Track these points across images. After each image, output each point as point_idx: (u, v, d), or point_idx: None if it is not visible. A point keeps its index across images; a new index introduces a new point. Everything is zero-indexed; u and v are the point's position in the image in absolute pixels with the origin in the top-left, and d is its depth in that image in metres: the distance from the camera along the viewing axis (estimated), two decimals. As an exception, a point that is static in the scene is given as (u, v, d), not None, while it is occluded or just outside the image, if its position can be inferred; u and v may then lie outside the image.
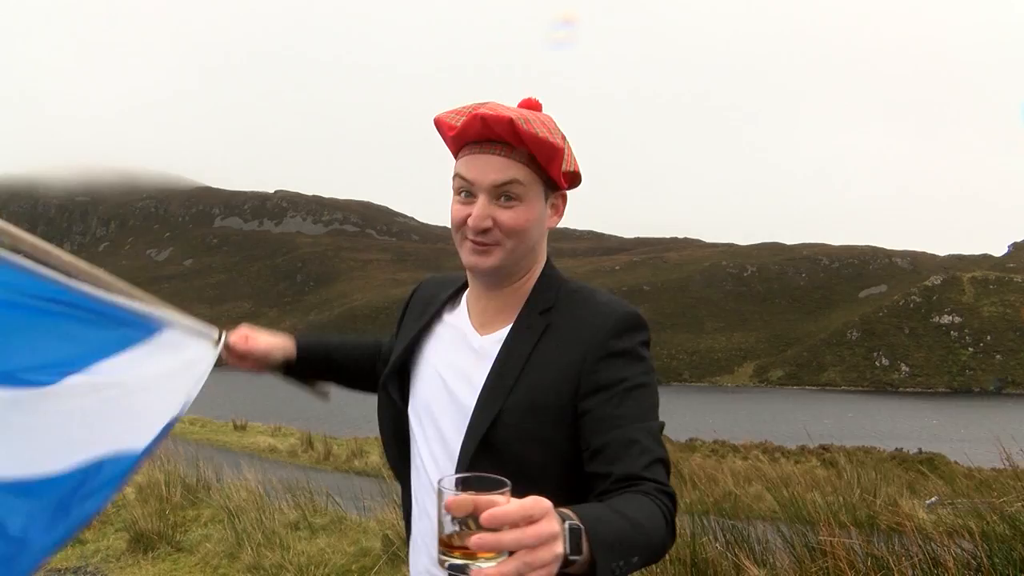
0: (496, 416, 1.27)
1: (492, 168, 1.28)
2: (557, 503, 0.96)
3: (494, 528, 0.88)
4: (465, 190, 1.31)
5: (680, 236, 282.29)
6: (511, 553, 0.89)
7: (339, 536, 5.44)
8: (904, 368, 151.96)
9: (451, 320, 1.46)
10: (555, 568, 0.93)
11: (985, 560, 3.01)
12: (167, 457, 7.73)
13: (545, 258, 1.42)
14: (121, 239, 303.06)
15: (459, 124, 1.29)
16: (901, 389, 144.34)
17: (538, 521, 0.91)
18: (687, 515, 4.11)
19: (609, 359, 1.27)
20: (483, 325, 1.40)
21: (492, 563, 0.90)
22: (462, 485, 0.93)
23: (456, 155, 1.35)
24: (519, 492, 0.94)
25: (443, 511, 0.92)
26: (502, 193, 1.29)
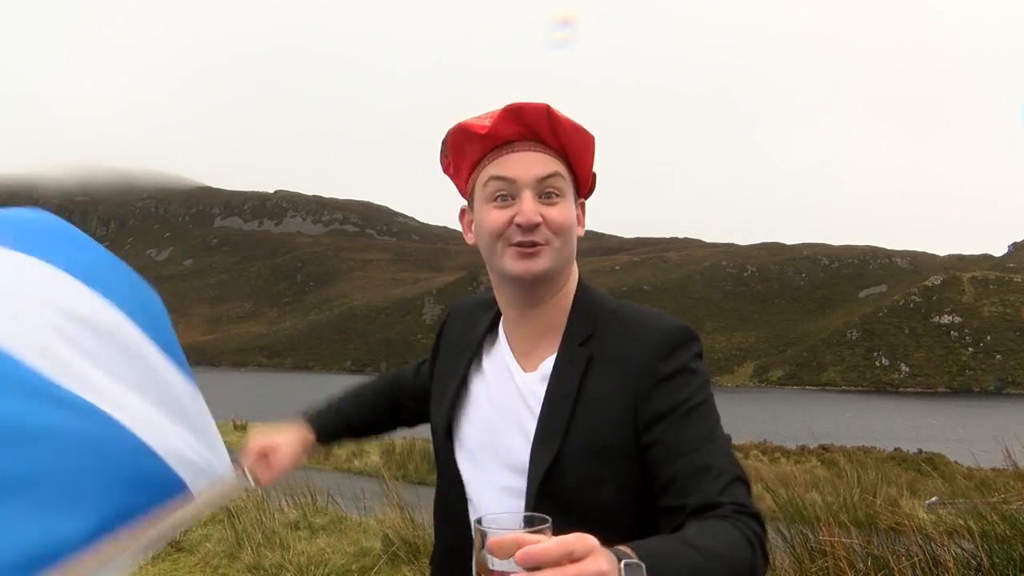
0: (551, 464, 1.20)
1: (534, 162, 1.24)
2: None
3: (532, 568, 0.81)
4: (503, 192, 1.24)
5: (680, 236, 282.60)
6: None
7: (339, 536, 5.45)
8: (904, 368, 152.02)
9: (493, 354, 1.37)
10: None
11: (985, 560, 3.01)
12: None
13: (577, 280, 1.34)
14: (121, 239, 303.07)
15: (489, 123, 1.23)
16: (901, 389, 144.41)
17: (581, 560, 0.83)
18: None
19: (662, 384, 1.20)
20: (525, 355, 1.32)
21: None
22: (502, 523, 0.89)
23: (476, 165, 1.29)
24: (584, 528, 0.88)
25: (484, 552, 0.87)
26: (545, 188, 1.24)
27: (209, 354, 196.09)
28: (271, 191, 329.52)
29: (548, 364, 1.28)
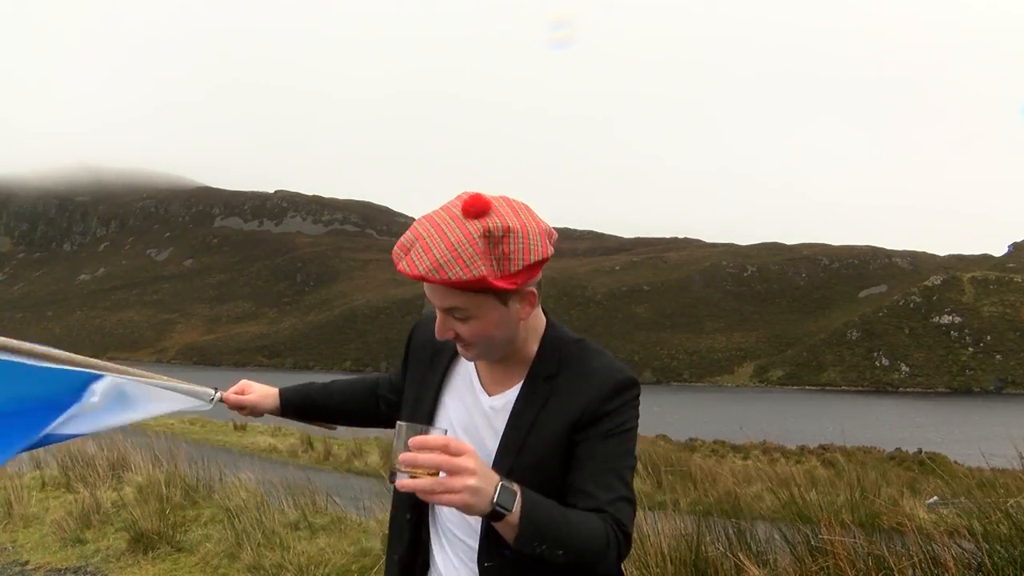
0: (508, 472, 1.37)
1: (435, 295, 1.39)
2: None
3: (417, 450, 1.17)
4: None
5: (680, 236, 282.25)
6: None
7: (339, 536, 5.44)
8: (904, 368, 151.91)
9: (463, 373, 1.57)
10: (468, 499, 1.17)
11: (986, 560, 3.00)
12: (167, 457, 7.73)
13: (544, 321, 1.53)
14: (121, 239, 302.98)
15: (397, 267, 1.37)
16: (901, 389, 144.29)
17: (456, 455, 1.17)
18: (688, 515, 4.11)
19: (599, 419, 1.42)
20: (493, 383, 1.52)
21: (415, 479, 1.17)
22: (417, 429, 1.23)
23: None
24: None
25: (399, 444, 1.21)
26: (452, 313, 1.40)
27: (209, 354, 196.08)
28: (271, 191, 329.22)
29: (513, 392, 1.49)
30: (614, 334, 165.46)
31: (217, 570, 5.18)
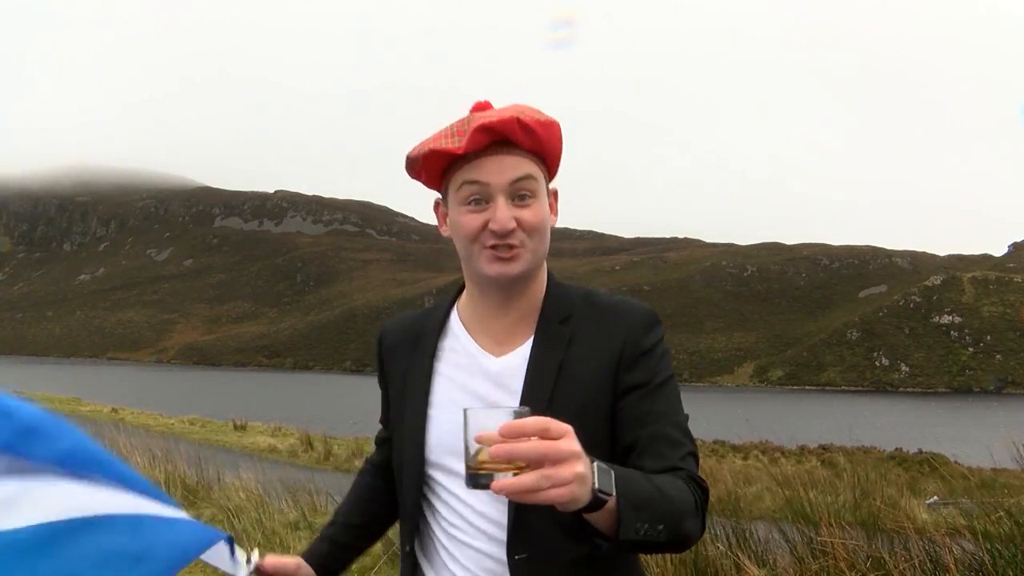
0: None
1: (506, 166, 1.25)
2: None
3: (513, 437, 0.92)
4: (476, 196, 1.26)
5: (680, 236, 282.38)
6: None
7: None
8: (904, 368, 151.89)
9: (456, 347, 1.37)
10: (577, 490, 0.94)
11: (987, 560, 3.00)
12: (167, 457, 7.73)
13: (546, 266, 1.39)
14: (121, 239, 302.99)
15: (463, 144, 1.24)
16: (901, 389, 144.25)
17: (557, 438, 0.93)
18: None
19: (642, 357, 1.28)
20: (498, 344, 1.35)
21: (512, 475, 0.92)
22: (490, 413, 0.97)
23: (443, 177, 1.32)
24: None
25: (470, 439, 0.96)
26: (518, 191, 1.26)
27: (209, 354, 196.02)
28: (271, 191, 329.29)
29: (525, 347, 1.32)
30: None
31: (217, 570, 5.17)
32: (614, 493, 1.00)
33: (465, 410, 0.99)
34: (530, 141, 1.26)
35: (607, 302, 1.35)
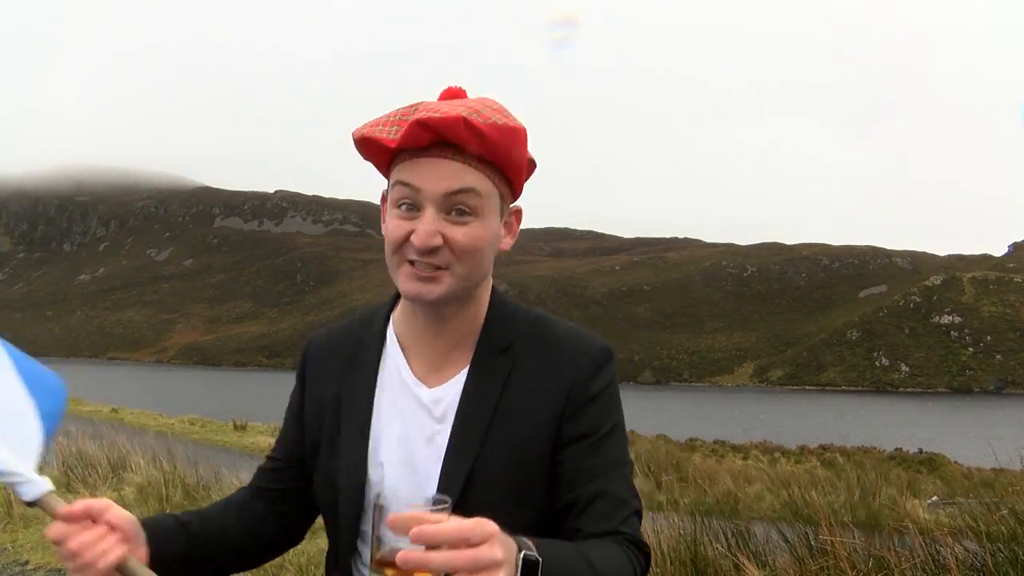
0: (468, 477, 1.11)
1: (444, 173, 1.08)
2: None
3: (427, 546, 0.80)
4: (408, 201, 1.10)
5: (680, 236, 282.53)
6: None
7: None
8: (904, 368, 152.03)
9: (391, 368, 1.22)
10: None
11: (988, 560, 3.00)
12: (167, 457, 7.73)
13: (490, 286, 1.22)
14: (121, 239, 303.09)
15: (398, 137, 1.09)
16: (901, 389, 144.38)
17: (477, 545, 0.81)
18: (687, 515, 4.11)
19: (589, 404, 1.15)
20: (430, 372, 1.19)
21: None
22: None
23: (390, 168, 1.15)
24: None
25: (381, 529, 0.85)
26: (455, 205, 1.09)
27: (209, 354, 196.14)
28: (271, 191, 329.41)
29: (460, 377, 1.17)
30: (614, 334, 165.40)
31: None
32: None
33: (377, 497, 0.87)
34: (480, 147, 1.08)
35: (557, 334, 1.19)
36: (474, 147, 1.07)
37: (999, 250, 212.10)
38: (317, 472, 1.23)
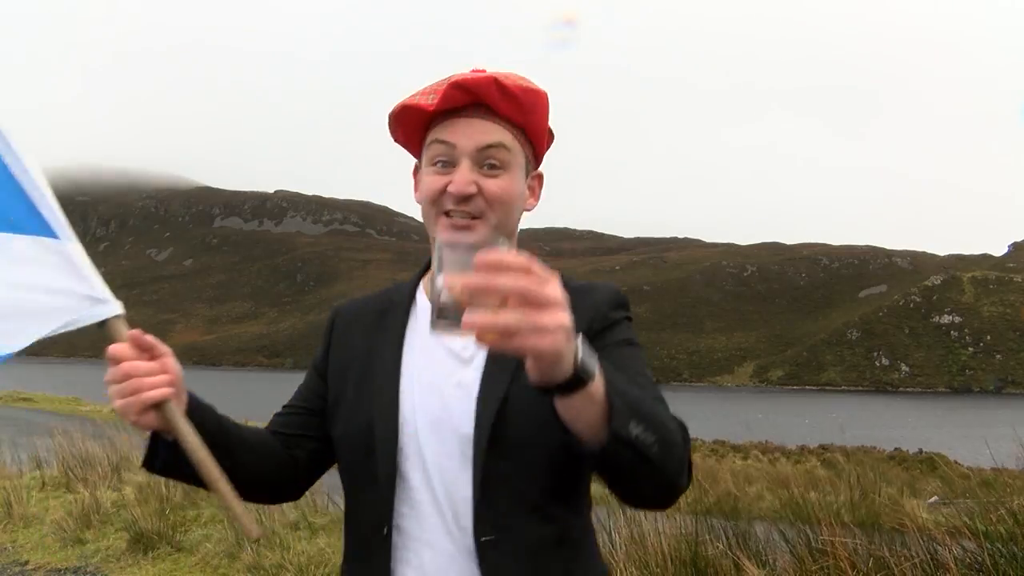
0: (500, 405, 1.13)
1: (477, 130, 1.19)
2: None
3: (493, 271, 0.78)
4: (443, 158, 1.19)
5: (680, 236, 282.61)
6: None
7: (339, 536, 5.42)
8: (904, 368, 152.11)
9: (419, 329, 1.26)
10: (561, 342, 0.80)
11: (988, 560, 3.00)
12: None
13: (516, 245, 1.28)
14: (121, 239, 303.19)
15: (436, 101, 1.18)
16: (901, 389, 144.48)
17: (545, 282, 0.79)
18: (688, 515, 4.11)
19: (608, 329, 1.21)
20: None
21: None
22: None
23: (425, 134, 1.24)
24: (536, 481, 1.05)
25: (448, 267, 0.81)
26: (487, 159, 1.19)
27: (209, 354, 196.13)
28: (271, 191, 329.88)
29: None
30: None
31: (217, 570, 5.18)
32: (599, 376, 0.88)
33: (439, 242, 0.83)
34: (509, 107, 1.19)
35: (576, 285, 1.25)
36: (504, 107, 1.19)
37: (999, 250, 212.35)
38: (340, 420, 1.26)
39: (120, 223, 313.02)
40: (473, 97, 1.18)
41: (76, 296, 1.13)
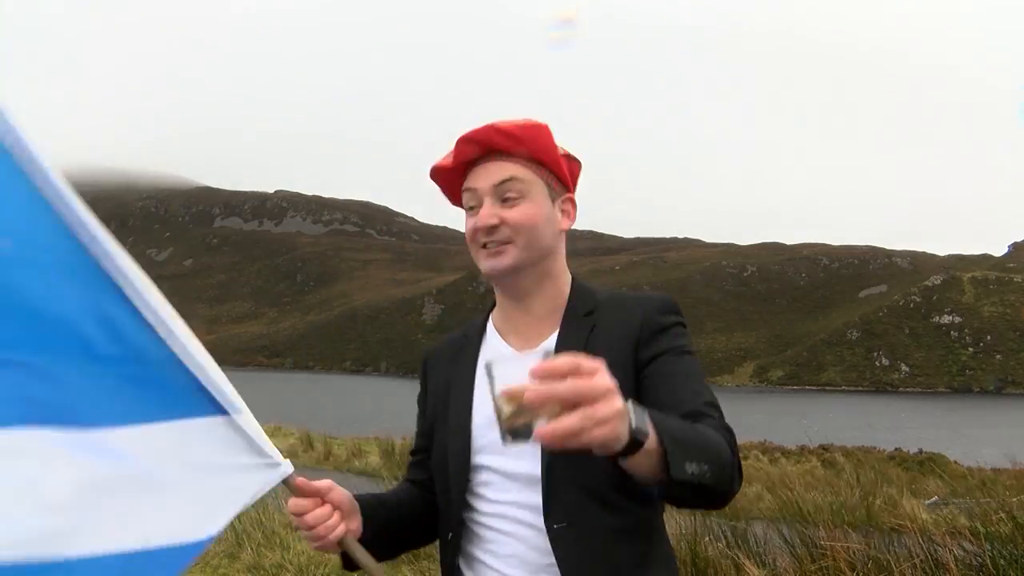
0: None
1: (491, 171, 1.37)
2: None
3: (546, 379, 0.88)
4: (472, 203, 1.39)
5: (680, 236, 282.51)
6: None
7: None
8: (904, 368, 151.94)
9: (488, 350, 1.44)
10: (619, 427, 0.91)
11: (988, 560, 3.00)
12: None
13: (569, 272, 1.46)
14: (121, 239, 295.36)
15: (451, 157, 1.39)
16: (901, 389, 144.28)
17: (590, 375, 0.90)
18: (687, 515, 4.10)
19: (661, 332, 1.33)
20: (527, 341, 1.41)
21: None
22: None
23: (461, 187, 1.43)
24: (603, 475, 1.20)
25: (498, 391, 0.94)
26: (504, 193, 1.36)
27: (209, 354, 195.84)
28: (271, 191, 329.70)
29: (549, 341, 1.38)
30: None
31: (217, 570, 5.17)
32: (651, 432, 0.97)
33: (488, 362, 0.96)
34: (515, 145, 1.36)
35: (630, 296, 1.42)
36: (509, 146, 1.36)
37: (999, 250, 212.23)
38: (432, 450, 1.46)
39: (120, 223, 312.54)
40: (482, 147, 1.37)
41: (255, 468, 1.22)
